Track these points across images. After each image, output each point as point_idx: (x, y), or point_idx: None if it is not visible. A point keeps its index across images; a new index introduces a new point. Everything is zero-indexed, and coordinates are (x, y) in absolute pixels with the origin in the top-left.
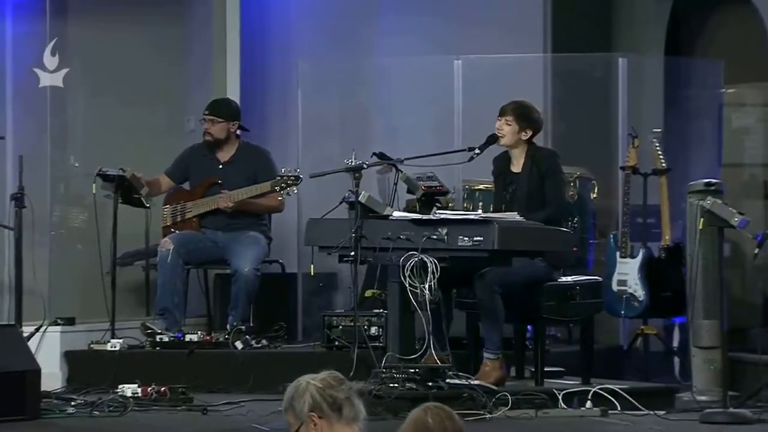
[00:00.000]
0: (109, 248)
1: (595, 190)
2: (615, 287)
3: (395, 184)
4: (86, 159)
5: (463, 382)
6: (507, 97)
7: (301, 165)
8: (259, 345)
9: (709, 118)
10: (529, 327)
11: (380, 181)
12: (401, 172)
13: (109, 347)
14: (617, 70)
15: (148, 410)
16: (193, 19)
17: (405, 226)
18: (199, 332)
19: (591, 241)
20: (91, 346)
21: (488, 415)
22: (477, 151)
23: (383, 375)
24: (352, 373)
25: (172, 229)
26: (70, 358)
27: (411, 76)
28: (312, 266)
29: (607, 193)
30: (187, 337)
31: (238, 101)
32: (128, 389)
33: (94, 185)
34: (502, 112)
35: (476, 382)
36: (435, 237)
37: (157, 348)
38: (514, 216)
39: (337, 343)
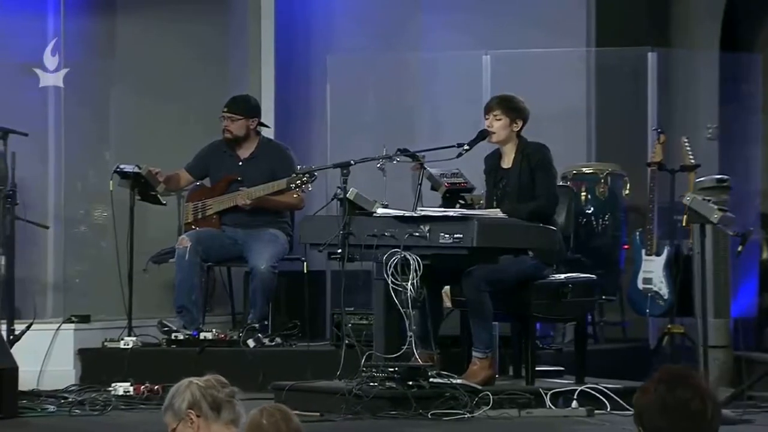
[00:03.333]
0: (142, 246)
1: (627, 187)
2: (640, 285)
3: (420, 183)
4: (122, 156)
5: (446, 381)
6: (538, 92)
7: (330, 161)
8: (273, 343)
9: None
10: (537, 325)
11: (414, 178)
12: (425, 168)
13: (122, 345)
14: (646, 64)
15: (132, 409)
16: (233, 19)
17: (390, 224)
18: (214, 330)
19: (623, 238)
20: (105, 343)
21: (467, 415)
22: (466, 147)
23: (364, 374)
24: (339, 372)
25: (193, 226)
26: (84, 355)
27: (442, 72)
28: (305, 263)
29: (641, 189)
30: (202, 335)
31: (272, 101)
32: (120, 387)
33: (111, 182)
34: (488, 109)
35: (459, 381)
36: (417, 234)
37: (173, 346)
38: (496, 213)
39: (347, 342)
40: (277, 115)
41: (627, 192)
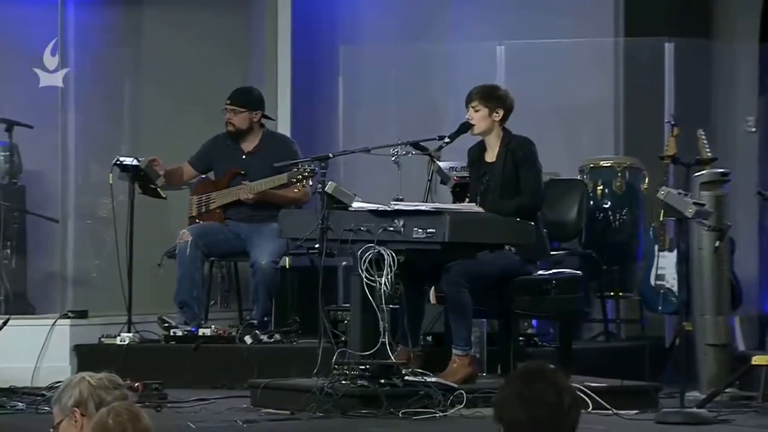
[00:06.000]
0: (159, 240)
1: (646, 181)
2: (653, 282)
3: (430, 179)
4: (137, 150)
5: (419, 379)
6: (556, 84)
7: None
8: (272, 340)
9: None
10: (534, 322)
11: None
12: (435, 162)
13: (118, 341)
14: (663, 55)
15: None
16: (254, 12)
17: (367, 218)
18: (213, 326)
19: (641, 233)
20: (102, 339)
21: (439, 414)
22: (447, 139)
23: (336, 371)
24: (316, 369)
25: (197, 220)
26: (80, 351)
27: (458, 64)
28: (287, 259)
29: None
30: (200, 332)
31: (288, 95)
32: None
33: (111, 175)
34: (468, 101)
35: (434, 379)
36: (392, 229)
37: (172, 342)
38: (471, 207)
39: (344, 338)
40: (297, 109)
41: (645, 186)
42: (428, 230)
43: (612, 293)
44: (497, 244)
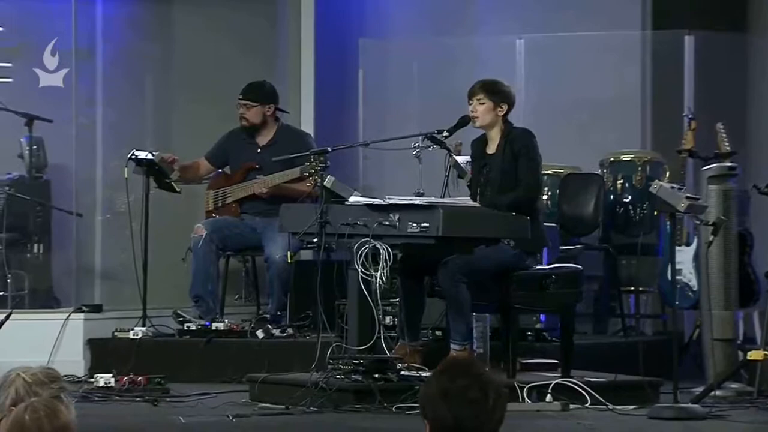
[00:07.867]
0: (182, 235)
1: (667, 175)
2: (670, 276)
3: (447, 174)
4: (159, 145)
5: (414, 374)
6: (575, 77)
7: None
8: (284, 334)
9: None
10: (542, 317)
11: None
12: (451, 156)
13: (131, 335)
14: (683, 48)
15: (99, 401)
16: (279, 8)
17: (364, 212)
18: (226, 321)
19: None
20: (115, 333)
21: None
22: (446, 133)
23: (330, 366)
24: (314, 364)
25: (214, 214)
26: (93, 345)
27: (478, 57)
28: (290, 253)
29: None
30: (214, 326)
31: (311, 90)
32: (101, 379)
33: (126, 169)
34: (471, 94)
35: (429, 374)
36: (387, 223)
37: (186, 336)
38: (465, 201)
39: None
40: (320, 104)
41: (666, 180)
42: (422, 224)
43: (632, 288)
44: (492, 238)
